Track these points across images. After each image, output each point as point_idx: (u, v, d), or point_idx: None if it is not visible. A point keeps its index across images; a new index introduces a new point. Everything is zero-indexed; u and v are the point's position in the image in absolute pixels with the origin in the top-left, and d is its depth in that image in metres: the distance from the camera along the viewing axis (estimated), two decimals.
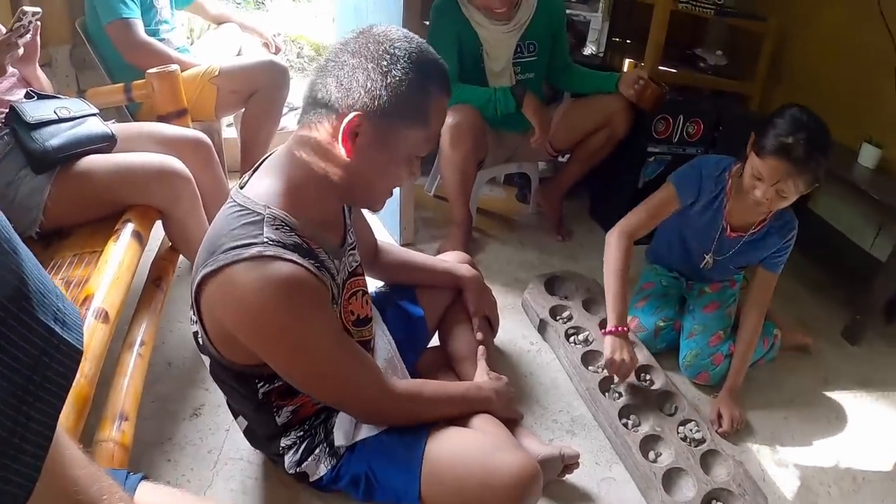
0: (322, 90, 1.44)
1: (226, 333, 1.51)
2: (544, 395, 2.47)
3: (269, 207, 1.45)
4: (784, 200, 2.25)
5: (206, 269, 1.42)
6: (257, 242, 1.39)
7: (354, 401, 1.66)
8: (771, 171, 2.17)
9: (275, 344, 1.47)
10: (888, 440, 2.60)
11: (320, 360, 1.52)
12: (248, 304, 1.39)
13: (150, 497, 1.11)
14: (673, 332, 2.73)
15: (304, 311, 1.44)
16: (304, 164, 1.50)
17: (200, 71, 2.92)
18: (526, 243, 3.38)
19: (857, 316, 3.08)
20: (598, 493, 2.13)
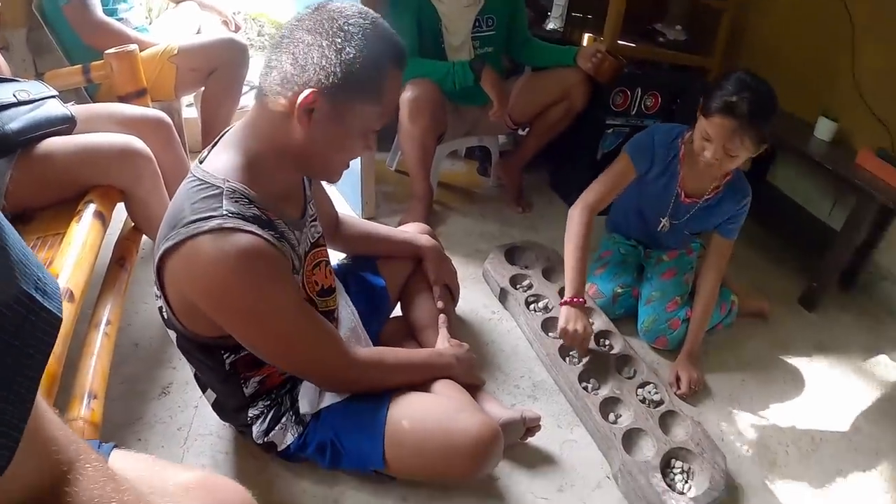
0: (278, 66, 1.43)
1: (189, 306, 1.51)
2: (506, 361, 2.50)
3: (228, 181, 1.45)
4: (733, 160, 2.29)
5: (167, 243, 1.42)
6: (217, 215, 1.39)
7: (317, 369, 1.68)
8: (717, 129, 2.21)
9: (237, 314, 1.47)
10: (844, 402, 2.65)
11: (282, 329, 1.53)
12: (210, 276, 1.39)
13: (123, 462, 1.11)
14: (631, 298, 2.77)
15: (264, 280, 1.44)
16: (262, 138, 1.50)
17: (159, 50, 2.89)
18: (486, 215, 3.39)
19: (814, 283, 3.13)
20: (560, 455, 2.16)
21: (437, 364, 1.94)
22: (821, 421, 2.53)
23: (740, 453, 2.31)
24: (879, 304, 3.31)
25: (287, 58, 1.42)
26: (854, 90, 3.27)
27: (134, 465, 1.13)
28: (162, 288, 1.54)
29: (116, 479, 0.80)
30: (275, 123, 1.47)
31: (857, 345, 3.01)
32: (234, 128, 1.58)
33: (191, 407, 2.07)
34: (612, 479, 2.11)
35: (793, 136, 3.36)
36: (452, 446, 1.71)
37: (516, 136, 3.90)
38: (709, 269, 2.61)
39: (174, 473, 1.13)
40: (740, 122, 2.16)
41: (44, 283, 0.65)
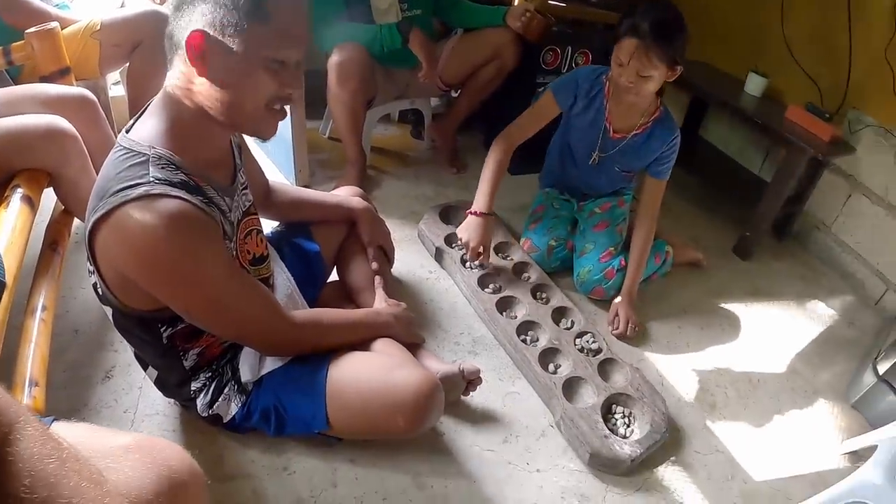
0: (173, 20, 1.39)
1: (123, 278, 1.47)
2: (445, 319, 2.49)
3: (153, 147, 1.41)
4: (646, 81, 2.34)
5: (96, 215, 1.38)
6: (143, 182, 1.35)
7: (254, 332, 1.66)
8: (625, 50, 2.30)
9: (169, 281, 1.44)
10: (780, 345, 2.70)
11: (216, 294, 1.50)
12: (139, 244, 1.36)
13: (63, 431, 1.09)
14: (565, 251, 2.79)
15: (193, 245, 1.41)
16: (179, 100, 1.45)
17: (81, 27, 2.81)
18: (421, 177, 3.38)
19: (747, 233, 3.18)
20: (503, 408, 2.16)
21: (374, 323, 1.95)
22: (758, 364, 2.57)
23: (680, 397, 2.34)
24: (811, 252, 3.38)
25: (175, 11, 1.37)
26: (784, 47, 3.32)
27: (73, 432, 1.11)
28: (95, 262, 1.50)
29: (56, 440, 0.81)
30: (181, 81, 1.43)
31: (790, 291, 3.07)
32: (159, 94, 1.52)
33: (135, 388, 2.03)
34: (555, 427, 2.12)
35: (724, 91, 3.41)
36: (393, 402, 1.70)
37: (449, 98, 3.90)
38: (643, 211, 2.65)
39: (112, 437, 1.13)
40: (644, 40, 2.24)
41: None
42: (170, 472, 1.09)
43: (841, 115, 3.10)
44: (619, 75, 2.36)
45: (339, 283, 2.32)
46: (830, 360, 2.66)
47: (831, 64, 3.11)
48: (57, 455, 0.78)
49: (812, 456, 2.24)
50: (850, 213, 3.19)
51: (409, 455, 1.95)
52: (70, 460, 0.80)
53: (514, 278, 2.62)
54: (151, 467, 1.07)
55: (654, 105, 2.57)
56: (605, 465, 1.99)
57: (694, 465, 2.11)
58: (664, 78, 2.35)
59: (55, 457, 0.77)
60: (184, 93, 1.44)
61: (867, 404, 2.42)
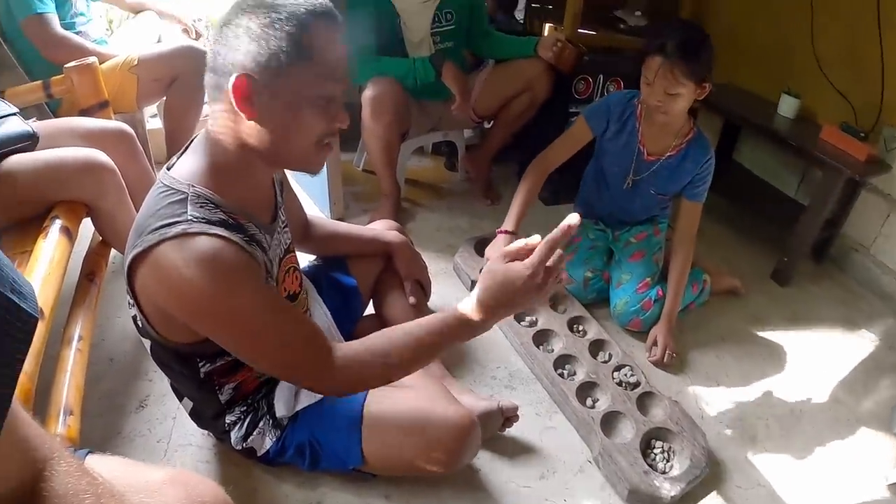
0: (212, 61, 1.38)
1: (163, 313, 1.48)
2: (481, 352, 2.49)
3: (193, 186, 1.41)
4: (674, 100, 2.35)
5: (135, 251, 1.39)
6: (181, 220, 1.35)
7: (302, 366, 1.50)
8: (652, 68, 2.34)
9: (211, 318, 1.42)
10: (822, 373, 2.66)
11: (258, 329, 1.44)
12: (178, 282, 1.35)
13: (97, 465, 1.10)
14: (602, 282, 2.78)
15: (231, 282, 1.38)
16: (221, 140, 1.44)
17: (119, 62, 2.87)
18: (456, 210, 3.39)
19: (785, 258, 3.15)
20: (540, 443, 2.15)
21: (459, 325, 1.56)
22: (799, 393, 2.53)
23: (720, 430, 2.32)
24: (851, 275, 3.33)
25: (217, 49, 1.36)
26: (815, 67, 3.28)
27: (108, 466, 1.12)
28: (134, 296, 1.51)
29: (90, 475, 0.81)
30: (225, 121, 1.41)
31: (831, 316, 3.02)
32: (202, 132, 1.52)
33: (169, 418, 2.06)
34: (593, 463, 2.11)
35: (757, 114, 3.39)
36: (430, 439, 1.70)
37: (482, 130, 3.91)
38: (680, 235, 2.65)
39: (147, 472, 1.13)
40: (670, 57, 2.27)
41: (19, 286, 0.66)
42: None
43: (876, 133, 3.06)
44: (648, 95, 2.40)
45: (375, 317, 2.32)
46: (874, 388, 2.62)
47: (864, 81, 3.08)
48: (92, 490, 0.78)
49: (856, 487, 2.20)
50: (889, 233, 3.14)
51: (445, 491, 1.94)
52: (105, 496, 0.80)
53: (551, 311, 2.61)
54: (186, 502, 1.08)
55: (688, 126, 2.58)
56: (644, 502, 1.97)
57: (735, 499, 2.08)
58: (693, 96, 2.37)
59: (90, 492, 0.78)
60: (228, 132, 1.42)
61: None
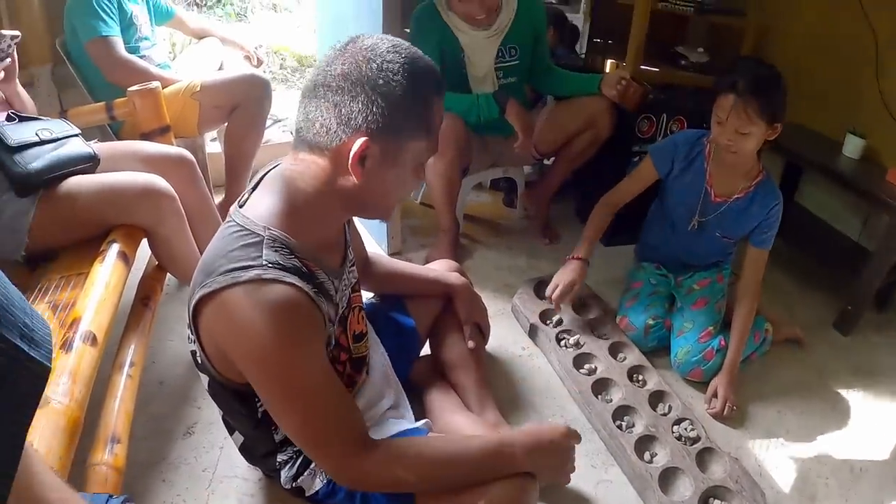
0: (319, 117, 1.40)
1: (223, 354, 1.49)
2: (538, 399, 2.48)
3: (268, 228, 1.42)
4: (746, 139, 2.36)
5: (203, 291, 1.39)
6: (255, 265, 1.36)
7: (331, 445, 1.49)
8: (724, 107, 2.35)
9: (263, 366, 1.42)
10: (884, 429, 2.60)
11: (305, 391, 1.44)
12: (245, 327, 1.36)
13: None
14: (663, 330, 2.74)
15: (299, 336, 1.40)
16: (307, 185, 1.47)
17: (182, 87, 2.91)
18: (514, 248, 3.38)
19: (848, 307, 3.08)
20: (594, 496, 2.13)
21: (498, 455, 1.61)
22: (861, 450, 2.48)
23: (779, 489, 2.27)
24: None
25: (328, 107, 1.39)
26: (881, 106, 3.24)
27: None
28: (197, 334, 1.52)
29: None
30: (322, 172, 1.45)
31: (894, 369, 2.96)
32: (276, 170, 1.54)
33: (216, 448, 2.07)
34: None
35: (820, 154, 3.34)
36: (487, 494, 1.64)
37: (542, 166, 3.90)
38: (745, 283, 2.63)
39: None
40: (742, 96, 2.28)
41: (31, 331, 0.63)
42: None
43: None
44: (719, 134, 2.40)
45: (431, 359, 2.33)
46: None
47: None
48: None
49: None
50: None
51: None
52: None
53: (611, 359, 2.59)
54: None
55: (757, 169, 2.57)
56: None
57: None
58: (764, 136, 2.36)
59: None
60: (316, 181, 1.46)
61: None
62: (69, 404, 1.41)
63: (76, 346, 1.55)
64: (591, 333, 2.69)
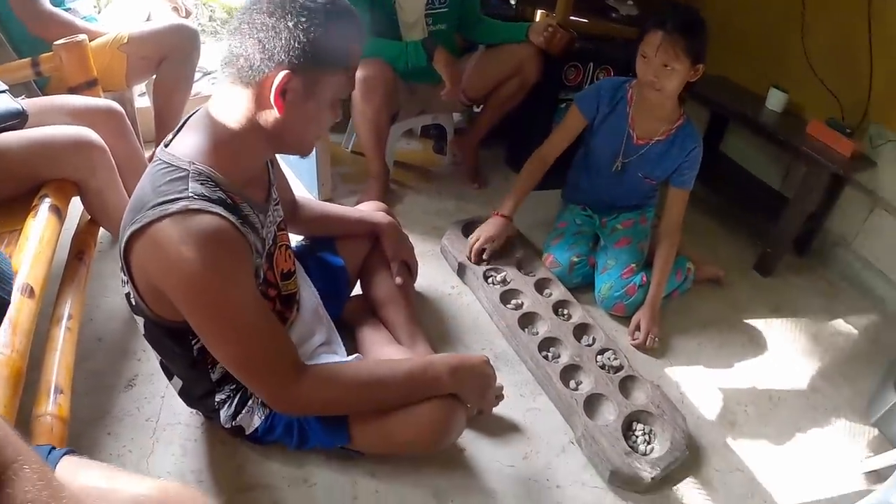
0: (244, 52, 1.42)
1: (156, 291, 1.49)
2: (467, 334, 2.51)
3: (194, 163, 1.44)
4: (670, 76, 2.42)
5: (133, 227, 1.39)
6: (182, 197, 1.37)
7: (266, 371, 1.55)
8: (651, 43, 2.40)
9: (195, 297, 1.43)
10: (800, 362, 2.70)
11: (238, 317, 1.47)
12: (175, 258, 1.37)
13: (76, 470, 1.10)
14: (587, 267, 2.80)
15: (226, 264, 1.43)
16: (231, 121, 1.49)
17: (109, 39, 2.85)
18: (443, 193, 3.40)
19: (768, 250, 3.18)
20: (524, 423, 2.18)
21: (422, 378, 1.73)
22: (778, 381, 2.57)
23: (700, 414, 2.35)
24: (832, 268, 3.37)
25: (252, 42, 1.40)
26: (804, 62, 3.31)
27: (86, 473, 1.11)
28: (129, 273, 1.52)
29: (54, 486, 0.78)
30: (244, 107, 1.47)
31: (811, 307, 3.06)
32: (200, 111, 1.55)
33: (158, 397, 2.06)
34: (575, 444, 2.14)
35: (745, 106, 3.41)
36: (414, 419, 1.72)
37: (471, 113, 3.90)
38: (667, 222, 2.71)
39: (128, 484, 1.09)
40: (670, 33, 2.34)
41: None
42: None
43: (862, 129, 3.09)
44: (644, 71, 2.45)
45: (362, 298, 2.35)
46: (852, 378, 2.66)
47: (852, 78, 3.11)
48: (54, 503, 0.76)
49: (833, 475, 2.24)
50: (872, 228, 3.18)
51: (430, 469, 1.96)
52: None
53: (537, 294, 2.63)
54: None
55: (677, 113, 2.62)
56: (625, 483, 2.00)
57: (714, 483, 2.11)
58: (687, 76, 2.42)
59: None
60: (239, 116, 1.48)
61: (888, 423, 2.41)
62: (11, 355, 1.41)
63: (14, 298, 1.54)
64: (517, 271, 2.74)
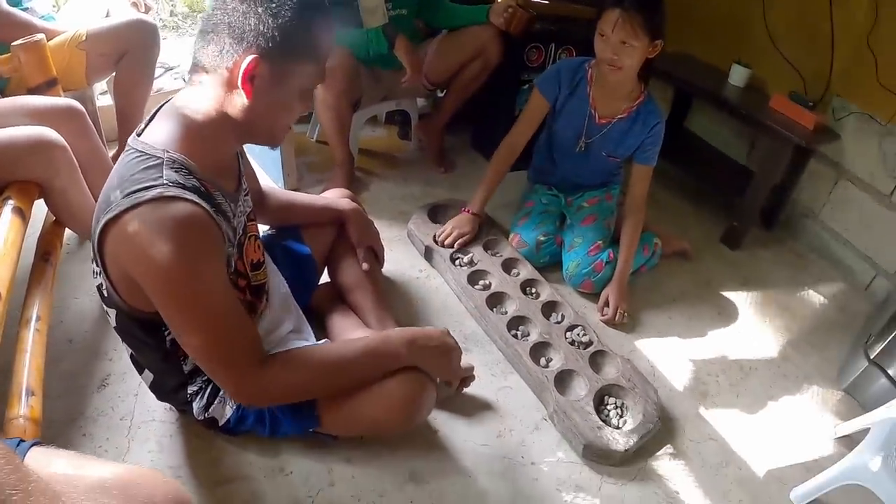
0: (214, 38, 1.43)
1: (130, 280, 1.47)
2: (436, 316, 2.51)
3: (167, 151, 1.44)
4: (629, 53, 2.40)
5: (107, 216, 1.38)
6: (157, 185, 1.37)
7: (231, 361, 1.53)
8: (609, 20, 2.37)
9: (169, 284, 1.41)
10: (770, 332, 2.72)
11: (208, 306, 1.46)
12: (150, 245, 1.35)
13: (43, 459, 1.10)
14: (555, 246, 2.80)
15: (201, 251, 1.42)
16: (202, 109, 1.49)
17: (67, 37, 2.81)
18: (409, 178, 3.38)
19: (735, 223, 3.20)
20: (496, 402, 2.18)
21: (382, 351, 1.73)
22: (749, 352, 2.59)
23: (672, 387, 2.36)
24: (800, 240, 3.39)
25: (223, 28, 1.41)
26: (766, 37, 3.33)
27: (54, 461, 1.11)
28: (102, 263, 1.50)
29: (22, 471, 0.78)
30: (215, 94, 1.47)
31: (780, 279, 3.08)
32: (171, 101, 1.55)
33: (131, 395, 2.04)
34: (548, 420, 2.14)
35: (708, 83, 3.42)
36: (384, 397, 1.72)
37: (435, 98, 3.90)
38: (631, 198, 2.71)
39: (95, 469, 1.10)
40: (627, 10, 2.32)
41: None
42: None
43: (825, 103, 3.11)
44: (603, 49, 2.43)
45: (331, 285, 2.34)
46: (822, 346, 2.68)
47: (814, 53, 3.12)
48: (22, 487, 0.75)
49: (806, 441, 2.25)
50: (838, 200, 3.20)
51: (405, 452, 1.96)
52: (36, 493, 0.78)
53: (504, 274, 2.63)
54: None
55: (638, 90, 2.62)
56: (599, 457, 2.01)
57: (688, 453, 2.12)
58: (646, 53, 2.41)
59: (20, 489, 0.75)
60: (210, 104, 1.48)
61: (859, 388, 2.44)
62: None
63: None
64: (485, 252, 2.73)
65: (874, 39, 2.84)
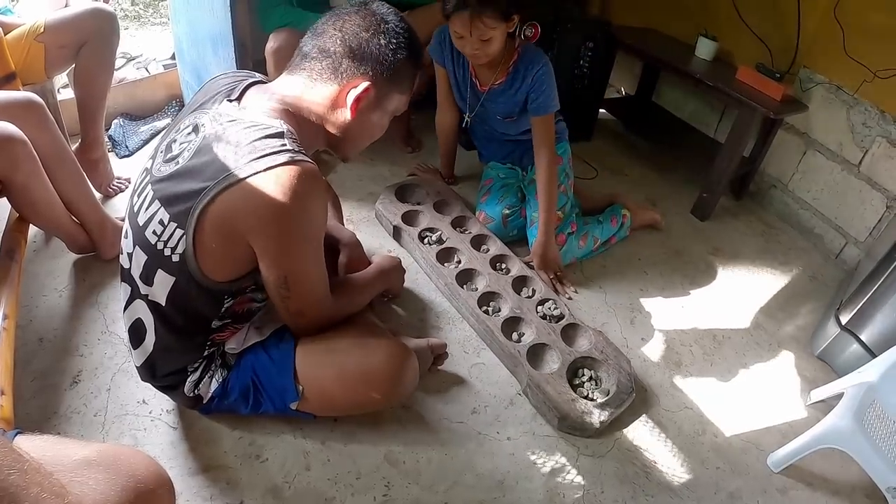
0: (332, 54, 1.58)
1: (230, 242, 1.52)
2: (407, 296, 2.48)
3: (285, 123, 1.56)
4: (490, 43, 2.40)
5: (228, 181, 1.45)
6: (286, 150, 1.47)
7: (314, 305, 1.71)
8: (460, 23, 2.36)
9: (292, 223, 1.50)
10: (742, 301, 2.72)
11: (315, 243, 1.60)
12: (284, 200, 1.44)
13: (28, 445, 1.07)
14: (521, 219, 2.79)
15: (321, 207, 1.56)
16: (306, 112, 1.63)
17: (25, 30, 2.75)
18: (376, 158, 3.34)
19: (704, 194, 3.19)
20: (470, 379, 2.17)
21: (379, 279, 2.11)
22: (722, 321, 2.59)
23: (645, 357, 2.36)
24: (770, 210, 3.41)
25: (343, 49, 1.58)
26: (732, 9, 3.33)
27: (36, 445, 1.11)
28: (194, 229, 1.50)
29: (17, 452, 0.81)
30: (320, 101, 1.63)
31: (751, 248, 3.09)
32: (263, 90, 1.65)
33: (104, 391, 2.00)
34: (522, 394, 2.13)
35: (675, 56, 3.40)
36: (367, 369, 1.74)
37: None
38: (536, 146, 2.61)
39: (76, 449, 1.12)
40: (475, 9, 2.30)
41: None
42: (135, 483, 1.10)
43: (792, 74, 3.12)
44: (464, 48, 2.46)
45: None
46: (794, 314, 2.69)
47: (780, 24, 3.13)
48: (18, 467, 0.78)
49: (781, 407, 2.26)
50: (806, 169, 3.21)
51: (380, 433, 1.94)
52: (31, 472, 0.80)
53: (474, 251, 2.60)
54: (116, 479, 1.08)
55: (510, 54, 2.59)
56: (574, 429, 2.00)
57: (664, 422, 2.12)
58: (505, 31, 2.41)
59: (16, 468, 0.78)
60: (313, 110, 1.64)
61: (832, 354, 2.45)
62: None
63: None
64: (453, 229, 2.70)
65: (841, 11, 2.85)
